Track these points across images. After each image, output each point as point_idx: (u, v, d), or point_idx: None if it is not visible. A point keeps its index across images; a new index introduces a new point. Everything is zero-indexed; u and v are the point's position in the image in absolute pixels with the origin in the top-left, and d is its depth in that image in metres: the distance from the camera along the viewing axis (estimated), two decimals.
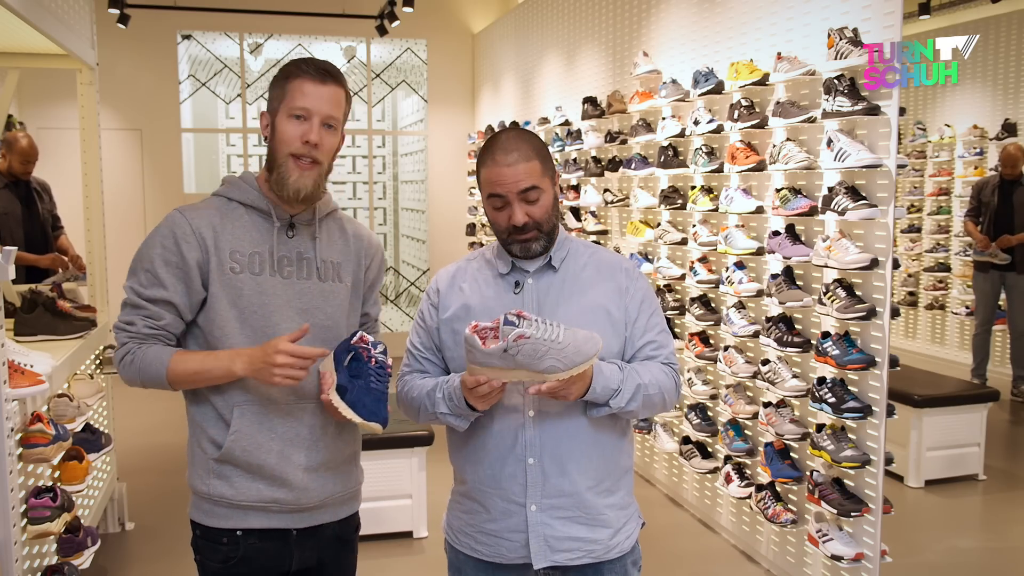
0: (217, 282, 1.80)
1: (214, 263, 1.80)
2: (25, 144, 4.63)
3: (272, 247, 1.84)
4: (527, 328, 1.60)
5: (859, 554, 3.21)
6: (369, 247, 2.01)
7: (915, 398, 4.74)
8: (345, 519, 2.02)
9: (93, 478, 3.57)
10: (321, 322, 1.88)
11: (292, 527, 1.90)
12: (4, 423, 2.34)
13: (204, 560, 1.91)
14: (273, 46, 8.93)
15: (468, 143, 8.66)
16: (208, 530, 1.88)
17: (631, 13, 5.21)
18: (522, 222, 1.79)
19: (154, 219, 8.18)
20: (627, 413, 1.81)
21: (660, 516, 4.48)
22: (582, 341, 1.64)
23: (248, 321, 1.82)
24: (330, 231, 1.95)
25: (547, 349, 1.61)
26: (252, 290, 1.82)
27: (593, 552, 1.84)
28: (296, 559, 1.93)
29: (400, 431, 4.05)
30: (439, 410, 1.81)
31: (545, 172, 1.82)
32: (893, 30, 3.05)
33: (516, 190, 1.78)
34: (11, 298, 3.46)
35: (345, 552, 2.06)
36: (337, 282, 1.92)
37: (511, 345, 1.59)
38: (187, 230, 1.80)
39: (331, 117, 1.82)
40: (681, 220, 4.57)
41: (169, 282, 1.80)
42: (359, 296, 2.00)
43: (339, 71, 1.86)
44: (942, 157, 7.45)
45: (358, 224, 2.05)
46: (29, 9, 2.99)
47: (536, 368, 1.63)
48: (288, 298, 1.85)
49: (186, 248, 1.79)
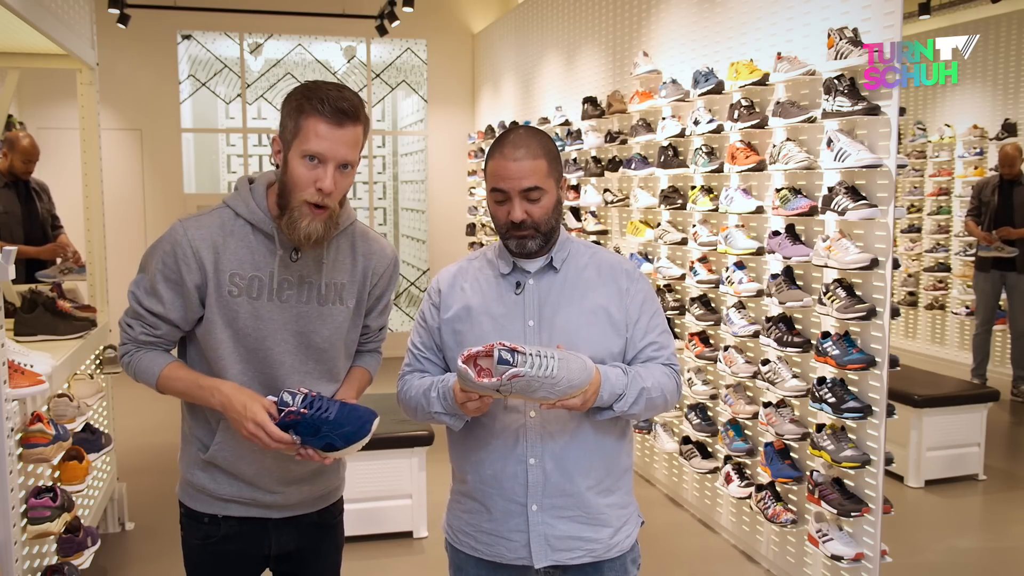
0: (214, 305, 1.80)
1: (212, 286, 1.79)
2: (27, 144, 4.63)
3: (273, 271, 1.81)
4: (521, 367, 1.58)
5: (859, 554, 3.21)
6: (379, 265, 1.95)
7: (915, 398, 4.74)
8: (327, 507, 2.05)
9: (93, 478, 3.57)
10: (317, 344, 1.87)
11: (269, 517, 1.96)
12: (4, 423, 2.34)
13: (187, 536, 2.00)
14: (273, 46, 8.93)
15: (468, 143, 8.66)
16: (191, 511, 1.97)
17: (631, 13, 5.21)
18: (520, 220, 1.79)
19: (154, 219, 8.20)
20: (630, 416, 1.82)
21: (660, 516, 4.48)
22: (576, 373, 1.65)
23: (242, 343, 1.83)
24: (339, 251, 1.89)
25: (540, 384, 1.61)
26: (248, 314, 1.81)
27: (594, 551, 1.84)
28: (275, 544, 1.98)
29: (400, 431, 4.05)
30: (434, 409, 1.82)
31: (551, 174, 1.82)
32: (893, 30, 3.05)
33: (519, 187, 1.78)
34: (11, 298, 3.46)
35: (327, 537, 2.06)
36: (339, 304, 1.89)
37: (504, 384, 1.59)
38: (187, 252, 1.77)
39: (347, 160, 1.73)
40: (681, 220, 4.57)
41: (167, 298, 1.80)
42: (361, 314, 1.97)
43: (357, 104, 1.73)
44: (942, 157, 7.45)
45: (372, 239, 1.96)
46: (29, 9, 2.98)
47: (531, 398, 1.65)
48: (284, 321, 1.84)
49: (185, 270, 1.78)
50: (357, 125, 1.73)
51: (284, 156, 1.75)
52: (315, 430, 1.72)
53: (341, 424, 1.74)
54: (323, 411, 1.73)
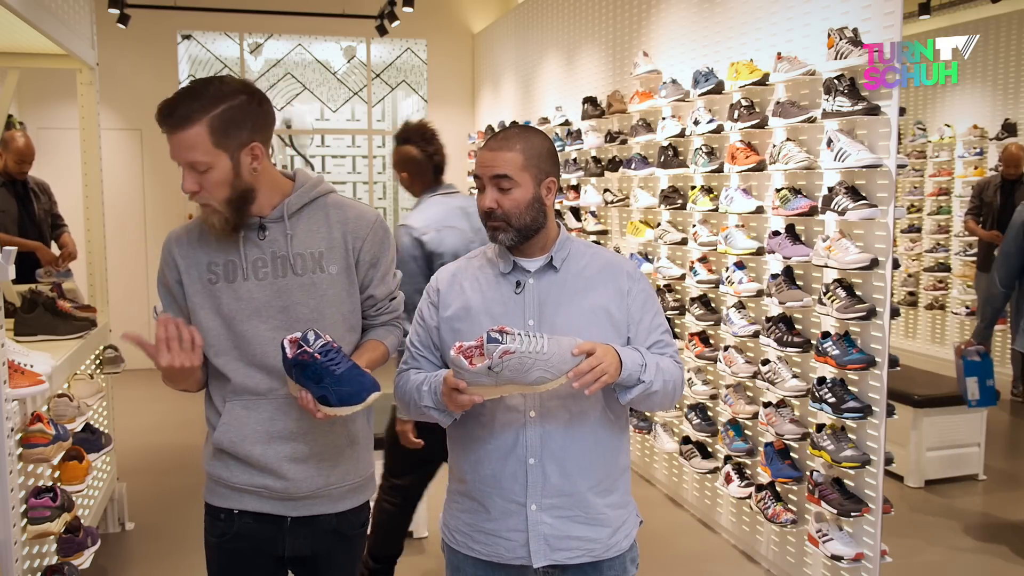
0: (198, 295, 1.89)
1: (189, 279, 1.90)
2: (21, 144, 4.61)
3: (243, 252, 1.88)
4: (511, 343, 1.59)
5: (859, 554, 3.21)
6: (358, 228, 1.93)
7: (915, 398, 4.74)
8: (346, 512, 1.99)
9: (93, 478, 3.56)
10: (305, 316, 1.88)
11: (286, 514, 1.94)
12: (4, 423, 2.35)
13: (207, 535, 2.01)
14: (273, 46, 8.93)
15: (468, 143, 8.65)
16: (210, 507, 1.99)
17: (631, 13, 5.21)
18: (487, 207, 1.81)
19: (154, 219, 8.20)
20: (651, 394, 1.79)
21: (660, 516, 4.48)
22: (567, 348, 1.65)
23: (232, 327, 1.88)
24: (310, 222, 1.91)
25: (533, 362, 1.61)
26: (229, 297, 1.87)
27: (593, 551, 1.84)
28: (289, 546, 1.96)
29: None
30: (424, 403, 1.82)
31: (526, 168, 1.81)
32: (893, 30, 3.04)
33: (489, 174, 1.81)
34: (11, 298, 3.46)
35: (343, 547, 2.02)
36: (319, 272, 1.89)
37: (496, 363, 1.60)
38: (166, 254, 1.94)
39: (191, 161, 1.78)
40: (681, 220, 4.57)
41: (166, 301, 1.97)
42: (354, 281, 1.94)
43: (186, 107, 1.74)
44: (942, 157, 7.45)
45: (349, 206, 1.96)
46: (29, 9, 2.99)
47: (525, 381, 1.64)
48: (267, 298, 1.87)
49: (168, 271, 1.94)
50: (187, 128, 1.74)
51: None
52: (318, 378, 1.74)
53: (343, 383, 1.75)
54: (333, 363, 1.74)
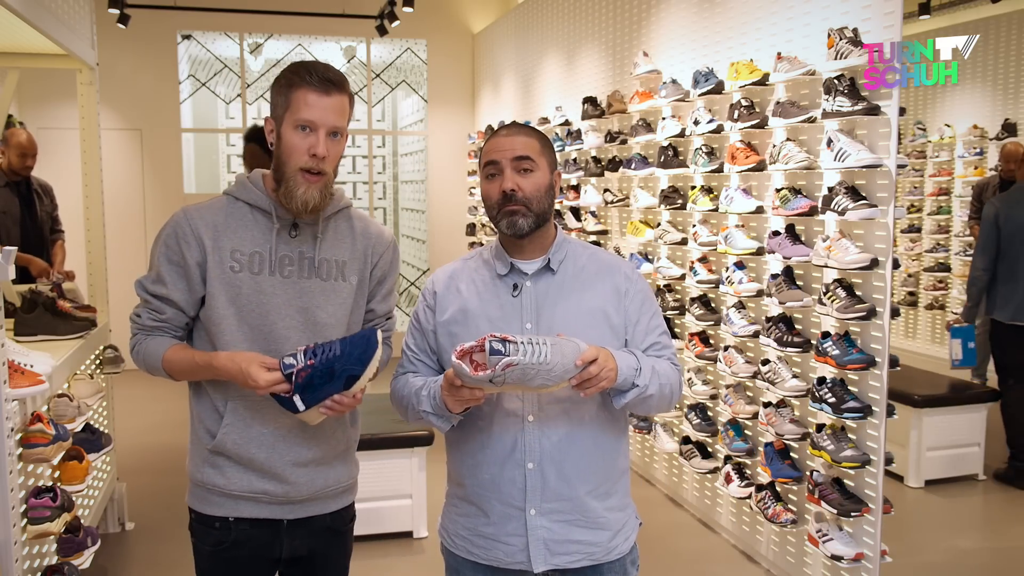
0: (217, 280, 1.85)
1: (212, 262, 1.85)
2: (23, 138, 4.57)
3: (273, 247, 1.87)
4: (514, 355, 1.58)
5: (859, 554, 3.21)
6: (378, 244, 2.00)
7: (915, 398, 4.74)
8: (338, 511, 2.03)
9: (93, 478, 3.57)
10: (322, 320, 1.89)
11: (283, 517, 1.95)
12: (4, 423, 2.34)
13: (198, 543, 1.99)
14: (273, 46, 8.93)
15: (468, 143, 8.66)
16: (202, 515, 1.95)
17: (631, 13, 5.21)
18: (510, 189, 1.79)
19: (154, 219, 8.19)
20: (646, 398, 1.79)
21: (660, 516, 4.48)
22: (570, 356, 1.64)
23: (246, 319, 1.86)
24: (337, 229, 1.95)
25: (536, 372, 1.60)
26: (251, 289, 1.85)
27: (593, 555, 1.84)
28: (286, 548, 1.97)
29: (400, 431, 4.05)
30: (422, 408, 1.82)
31: (543, 153, 1.84)
32: (893, 30, 3.04)
33: (510, 156, 1.81)
34: (11, 298, 3.45)
35: (337, 543, 2.06)
36: (341, 280, 1.93)
37: (498, 374, 1.59)
38: (187, 231, 1.86)
39: (336, 127, 1.83)
40: (681, 220, 4.57)
41: (170, 280, 1.87)
42: (365, 294, 2.00)
43: (342, 77, 1.85)
44: (942, 157, 7.45)
45: (370, 221, 2.04)
46: (29, 9, 2.99)
47: (526, 386, 1.65)
48: (288, 297, 1.87)
49: (186, 248, 1.85)
50: (343, 94, 1.84)
51: (277, 132, 1.84)
52: (330, 372, 1.74)
53: (350, 353, 1.76)
54: (328, 351, 1.75)
